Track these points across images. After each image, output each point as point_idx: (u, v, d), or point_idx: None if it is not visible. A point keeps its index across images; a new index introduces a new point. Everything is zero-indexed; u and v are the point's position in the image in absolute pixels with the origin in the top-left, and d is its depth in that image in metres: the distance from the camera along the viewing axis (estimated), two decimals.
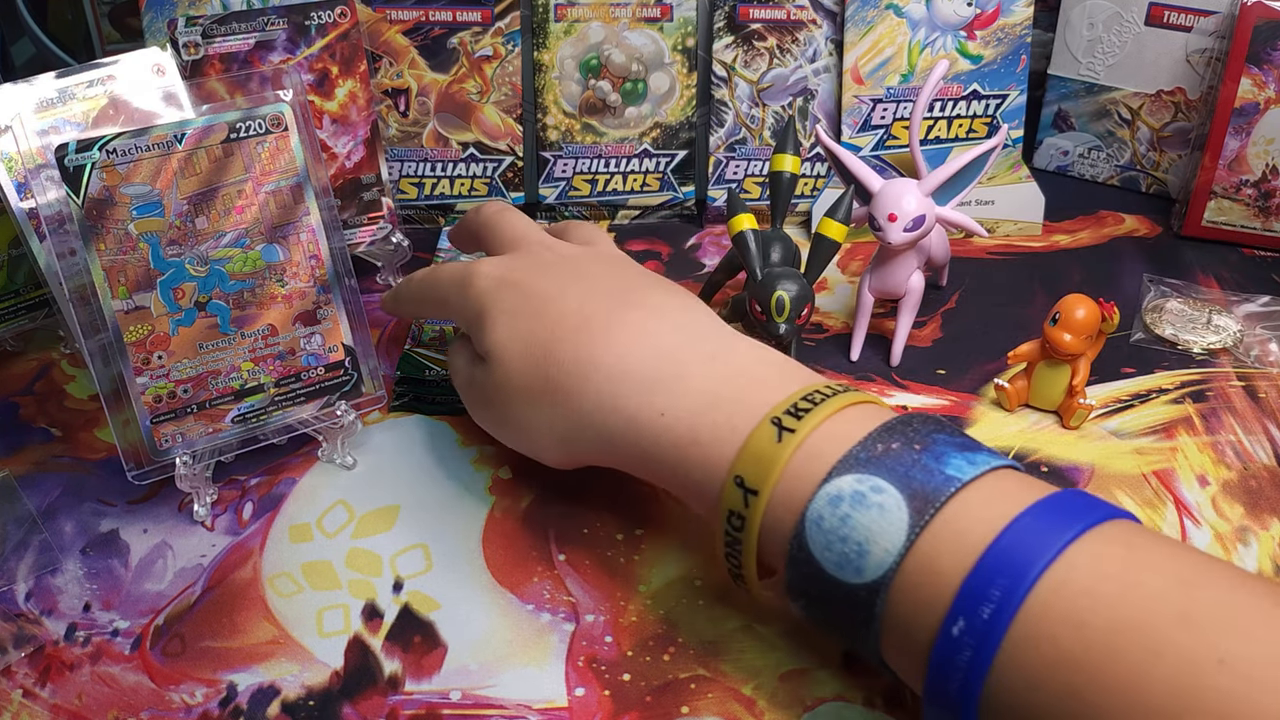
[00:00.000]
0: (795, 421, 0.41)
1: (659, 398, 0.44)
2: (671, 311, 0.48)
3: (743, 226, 0.56)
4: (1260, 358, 0.62)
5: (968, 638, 0.35)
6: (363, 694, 0.44)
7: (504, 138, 0.72)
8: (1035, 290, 0.68)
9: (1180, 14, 0.73)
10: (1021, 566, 0.35)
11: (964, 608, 0.35)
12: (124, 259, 0.50)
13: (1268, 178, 0.71)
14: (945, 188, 0.59)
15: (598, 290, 0.49)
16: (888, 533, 0.37)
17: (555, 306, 0.48)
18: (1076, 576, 0.34)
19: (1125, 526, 0.37)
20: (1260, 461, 0.55)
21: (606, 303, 0.48)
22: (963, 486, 0.37)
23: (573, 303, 0.48)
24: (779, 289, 0.55)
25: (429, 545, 0.50)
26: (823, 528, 0.38)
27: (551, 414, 0.47)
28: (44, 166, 0.48)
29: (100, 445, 0.56)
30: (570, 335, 0.47)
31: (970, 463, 0.38)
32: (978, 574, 0.35)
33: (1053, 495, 0.37)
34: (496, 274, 0.51)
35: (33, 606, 0.47)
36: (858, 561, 0.38)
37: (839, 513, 0.38)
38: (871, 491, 0.38)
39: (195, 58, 0.61)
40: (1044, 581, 0.34)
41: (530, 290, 0.49)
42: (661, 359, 0.45)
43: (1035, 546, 0.35)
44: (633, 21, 0.71)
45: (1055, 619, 0.34)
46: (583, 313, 0.47)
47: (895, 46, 0.72)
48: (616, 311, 0.47)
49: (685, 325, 0.47)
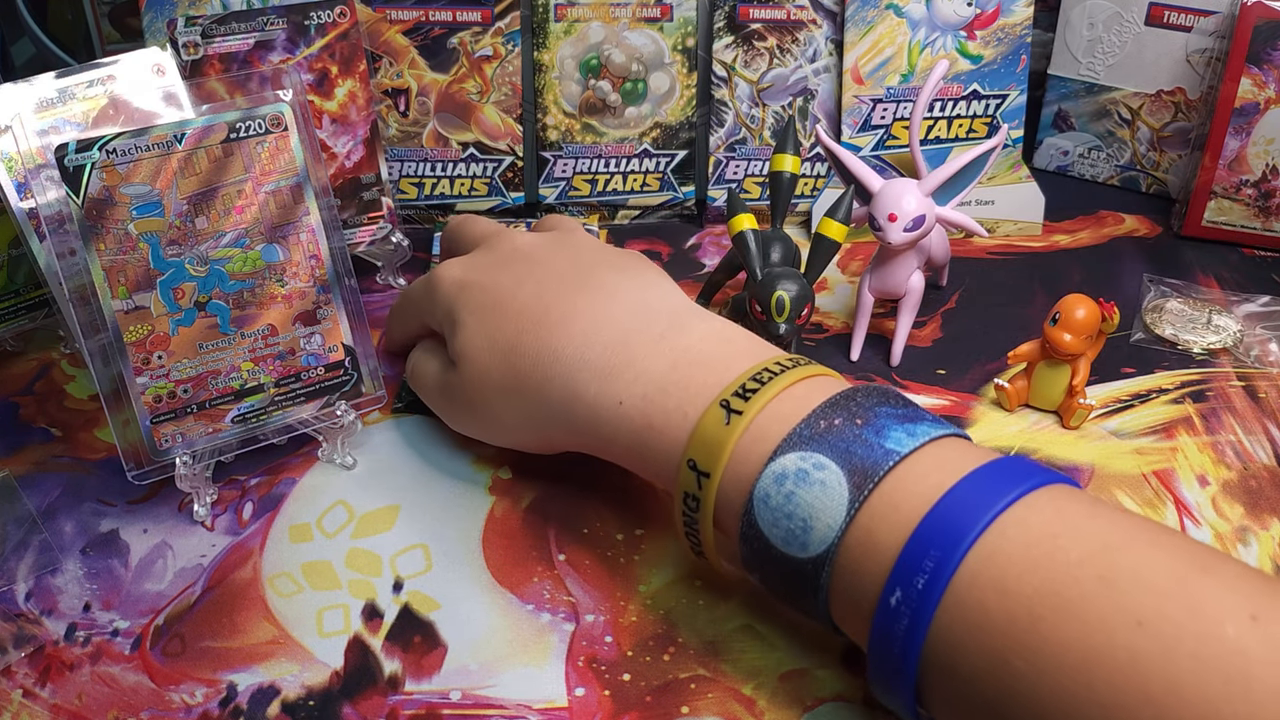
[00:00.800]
0: (742, 403, 0.42)
1: (614, 385, 0.45)
2: (624, 291, 0.48)
3: (743, 226, 0.56)
4: (1260, 358, 0.62)
5: (904, 607, 0.36)
6: (363, 694, 0.44)
7: (504, 138, 0.72)
8: (1035, 290, 0.68)
9: (1180, 14, 0.73)
10: (954, 536, 0.36)
11: (900, 579, 0.36)
12: (124, 259, 0.50)
13: (1268, 178, 0.71)
14: (945, 188, 0.59)
15: (554, 277, 0.50)
16: (829, 509, 0.38)
17: (516, 300, 0.49)
18: (1005, 545, 0.35)
19: (1059, 491, 0.37)
20: (1260, 461, 0.55)
21: (562, 289, 0.49)
22: (901, 459, 0.38)
23: (531, 293, 0.49)
24: (779, 289, 0.55)
25: (429, 545, 0.50)
26: (769, 505, 0.40)
27: (522, 406, 0.49)
28: (44, 166, 0.48)
29: (100, 445, 0.56)
30: (531, 327, 0.48)
31: (910, 434, 0.39)
32: (913, 545, 0.36)
33: (988, 464, 0.38)
34: (457, 275, 0.52)
35: (33, 606, 0.47)
36: (802, 537, 0.39)
37: (783, 490, 0.39)
38: (814, 469, 0.39)
39: (195, 58, 0.61)
40: (975, 550, 0.35)
41: (490, 286, 0.50)
42: (614, 345, 0.46)
43: (968, 516, 0.36)
44: (633, 21, 0.71)
45: (984, 586, 0.35)
46: (541, 302, 0.48)
47: (895, 46, 0.72)
48: (571, 297, 0.48)
49: (637, 306, 0.48)
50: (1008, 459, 0.39)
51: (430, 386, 0.54)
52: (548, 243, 0.53)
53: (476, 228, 0.57)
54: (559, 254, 0.51)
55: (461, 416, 0.53)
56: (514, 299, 0.49)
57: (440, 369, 0.53)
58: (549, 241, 0.53)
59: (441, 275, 0.53)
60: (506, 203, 0.73)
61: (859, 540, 0.38)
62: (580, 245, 0.52)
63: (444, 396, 0.53)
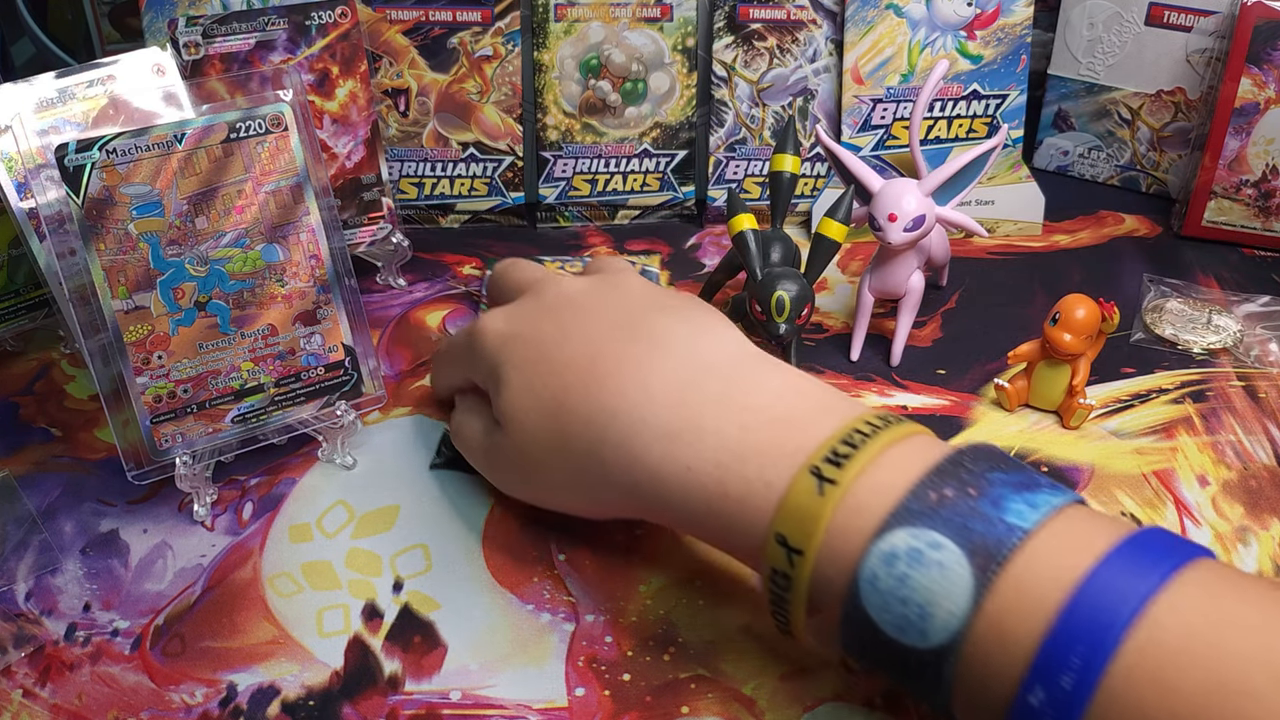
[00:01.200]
0: (835, 470, 0.38)
1: (679, 448, 0.41)
2: (679, 340, 0.45)
3: (743, 226, 0.56)
4: (1260, 358, 0.62)
5: (1048, 708, 0.33)
6: (363, 694, 0.44)
7: (504, 137, 0.72)
8: (1035, 290, 0.68)
9: (1180, 14, 0.73)
10: (1101, 629, 0.32)
11: (1042, 676, 0.33)
12: (124, 259, 0.50)
13: (1268, 178, 0.71)
14: (945, 188, 0.59)
15: (602, 326, 0.46)
16: (950, 594, 0.35)
17: (562, 352, 0.45)
18: (1161, 636, 0.32)
19: (1204, 568, 0.34)
20: (1260, 461, 0.55)
21: (612, 340, 0.45)
22: (1027, 536, 0.35)
23: (578, 345, 0.45)
24: (779, 289, 0.55)
25: (429, 545, 0.50)
26: (878, 589, 0.36)
27: (574, 470, 0.45)
28: (44, 166, 0.48)
29: (100, 445, 0.56)
30: (579, 383, 0.44)
31: (1031, 505, 0.36)
32: (1055, 639, 0.33)
33: (1126, 541, 0.35)
34: (499, 327, 0.48)
35: (33, 606, 0.47)
36: (920, 625, 0.35)
37: (895, 572, 0.36)
38: (929, 548, 0.35)
39: (195, 58, 0.61)
40: (1127, 644, 0.32)
41: (534, 338, 0.47)
42: (675, 402, 0.42)
43: (1114, 604, 0.33)
44: (633, 21, 0.71)
45: (1141, 683, 0.32)
46: (589, 355, 0.45)
47: (895, 46, 0.72)
48: (622, 348, 0.44)
49: (694, 356, 0.44)
50: (1143, 533, 0.35)
51: (475, 448, 0.51)
52: (596, 288, 0.48)
53: (522, 273, 0.52)
54: (608, 300, 0.47)
55: (509, 480, 0.49)
56: (560, 352, 0.45)
57: (484, 429, 0.49)
58: (597, 286, 0.49)
59: (484, 327, 0.49)
60: (506, 203, 0.73)
61: (988, 629, 0.34)
62: (630, 289, 0.48)
63: (489, 459, 0.50)
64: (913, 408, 0.59)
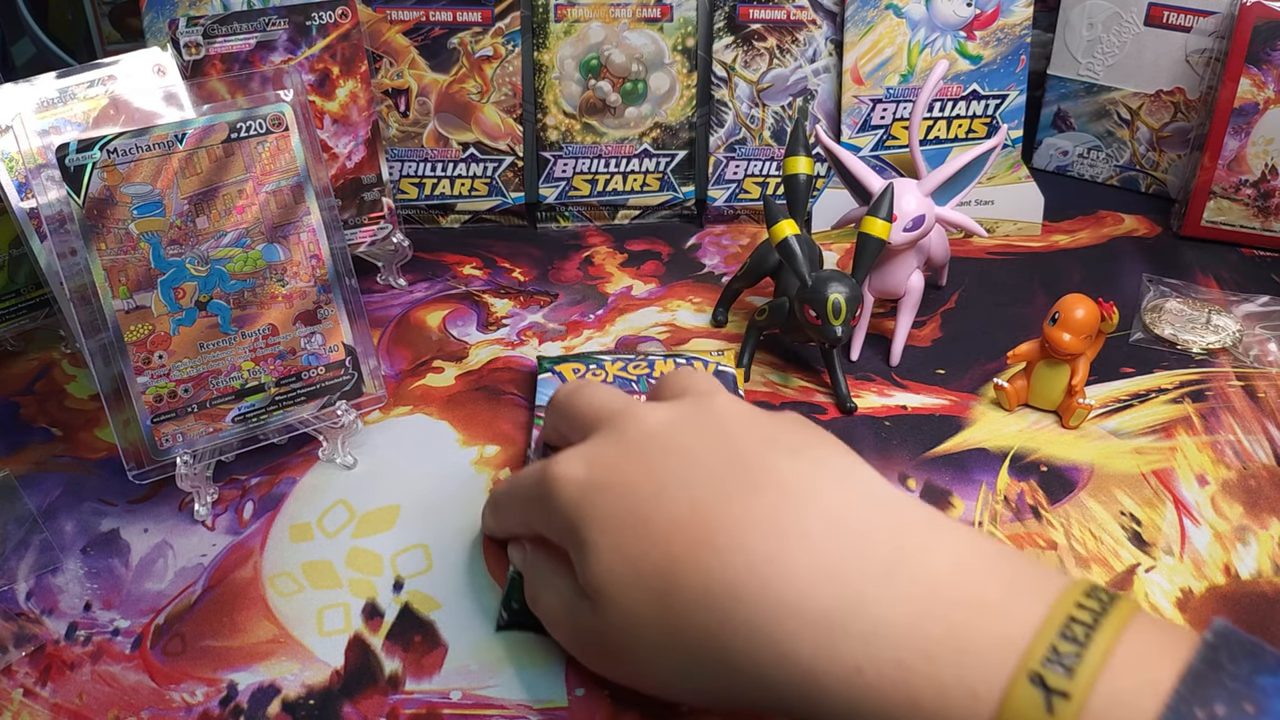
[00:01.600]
0: (1064, 678, 0.30)
1: (841, 642, 0.33)
2: (814, 491, 0.36)
3: (785, 234, 0.55)
4: (1259, 357, 0.62)
5: None
6: (363, 693, 0.44)
7: (504, 138, 0.72)
8: (1035, 290, 0.68)
9: (1179, 14, 0.73)
10: None
11: None
12: (125, 259, 0.50)
13: (1267, 178, 0.71)
14: (945, 188, 0.59)
15: (707, 473, 0.37)
16: None
17: (662, 512, 0.37)
18: None
19: None
20: (1259, 461, 0.55)
21: (723, 492, 0.37)
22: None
23: (681, 501, 0.37)
24: (833, 292, 0.54)
25: (429, 545, 0.50)
26: None
27: (686, 659, 0.36)
28: (45, 166, 0.48)
29: (101, 445, 0.56)
30: (690, 553, 0.36)
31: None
32: None
33: None
34: (577, 474, 0.39)
35: (33, 606, 0.47)
36: None
37: None
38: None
39: (196, 58, 0.61)
40: None
41: (622, 489, 0.38)
42: (825, 579, 0.34)
43: None
44: (633, 22, 0.71)
45: None
46: (697, 515, 0.36)
47: (895, 47, 0.72)
48: (740, 503, 0.36)
49: (839, 513, 0.36)
50: None
51: (557, 622, 0.42)
52: (686, 419, 0.40)
53: (592, 401, 0.43)
54: (704, 434, 0.39)
55: (606, 664, 0.41)
56: (659, 510, 0.37)
57: (568, 600, 0.41)
58: (687, 417, 0.40)
59: (557, 474, 0.40)
60: (506, 203, 0.73)
61: None
62: (728, 417, 0.40)
63: (577, 637, 0.41)
64: (912, 407, 0.59)
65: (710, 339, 0.64)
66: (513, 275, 0.69)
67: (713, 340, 0.63)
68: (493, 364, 0.62)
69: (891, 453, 0.55)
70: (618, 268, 0.70)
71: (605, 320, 0.65)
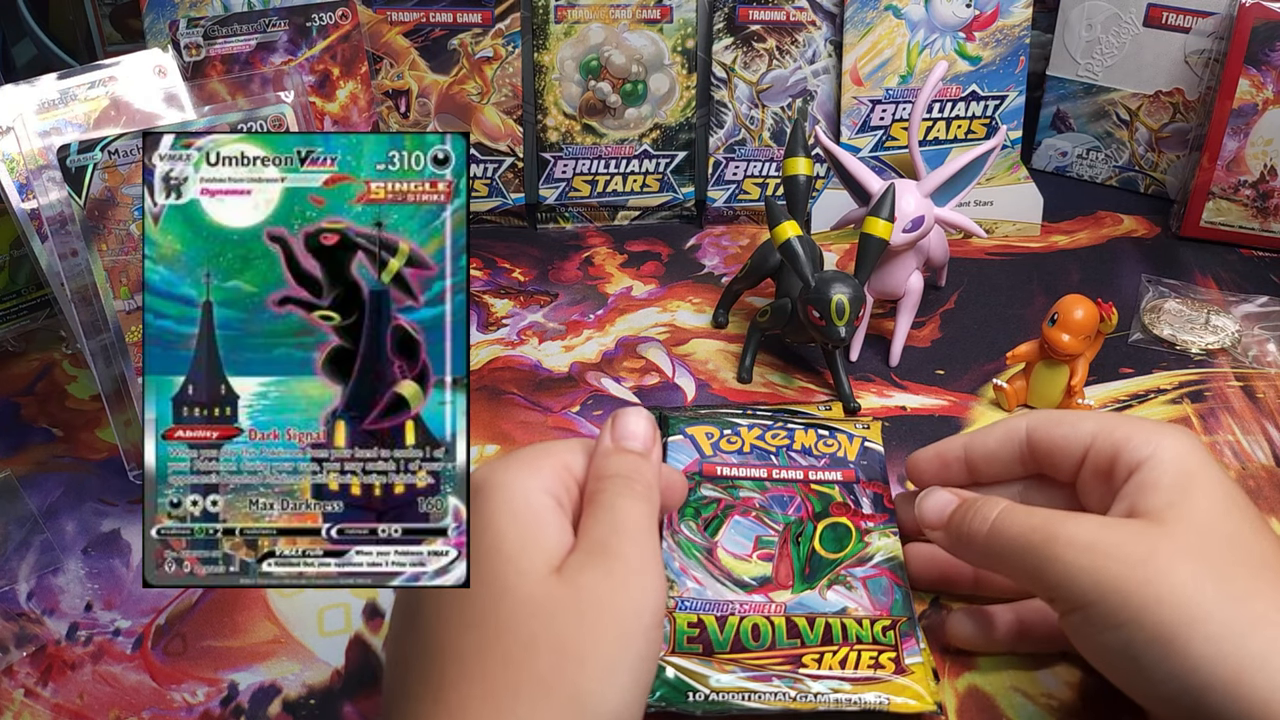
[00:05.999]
0: None
1: None
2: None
3: (787, 235, 0.55)
4: (1258, 358, 0.62)
5: None
6: (364, 693, 0.44)
7: (504, 139, 0.72)
8: (1034, 291, 0.68)
9: (1179, 15, 0.73)
10: None
11: None
12: (126, 259, 0.50)
13: (1266, 178, 0.71)
14: (944, 188, 0.59)
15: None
16: None
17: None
18: None
19: None
20: (1258, 461, 0.55)
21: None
22: None
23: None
24: (836, 293, 0.54)
25: None
26: None
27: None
28: (46, 167, 0.48)
29: (102, 445, 0.56)
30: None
31: None
32: None
33: None
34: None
35: (34, 606, 0.47)
36: None
37: None
38: None
39: (197, 59, 0.61)
40: None
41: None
42: None
43: None
44: (632, 23, 0.71)
45: None
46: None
47: (894, 48, 0.72)
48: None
49: None
50: None
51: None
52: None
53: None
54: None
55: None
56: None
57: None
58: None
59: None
60: (507, 203, 0.73)
61: None
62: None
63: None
64: (911, 408, 0.59)
65: (710, 339, 0.64)
66: (513, 275, 0.69)
67: (712, 340, 0.63)
68: (493, 364, 0.62)
69: (891, 453, 0.55)
70: (618, 268, 0.70)
71: (605, 320, 0.65)
